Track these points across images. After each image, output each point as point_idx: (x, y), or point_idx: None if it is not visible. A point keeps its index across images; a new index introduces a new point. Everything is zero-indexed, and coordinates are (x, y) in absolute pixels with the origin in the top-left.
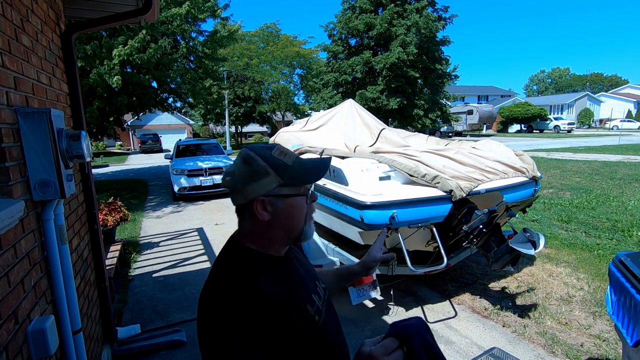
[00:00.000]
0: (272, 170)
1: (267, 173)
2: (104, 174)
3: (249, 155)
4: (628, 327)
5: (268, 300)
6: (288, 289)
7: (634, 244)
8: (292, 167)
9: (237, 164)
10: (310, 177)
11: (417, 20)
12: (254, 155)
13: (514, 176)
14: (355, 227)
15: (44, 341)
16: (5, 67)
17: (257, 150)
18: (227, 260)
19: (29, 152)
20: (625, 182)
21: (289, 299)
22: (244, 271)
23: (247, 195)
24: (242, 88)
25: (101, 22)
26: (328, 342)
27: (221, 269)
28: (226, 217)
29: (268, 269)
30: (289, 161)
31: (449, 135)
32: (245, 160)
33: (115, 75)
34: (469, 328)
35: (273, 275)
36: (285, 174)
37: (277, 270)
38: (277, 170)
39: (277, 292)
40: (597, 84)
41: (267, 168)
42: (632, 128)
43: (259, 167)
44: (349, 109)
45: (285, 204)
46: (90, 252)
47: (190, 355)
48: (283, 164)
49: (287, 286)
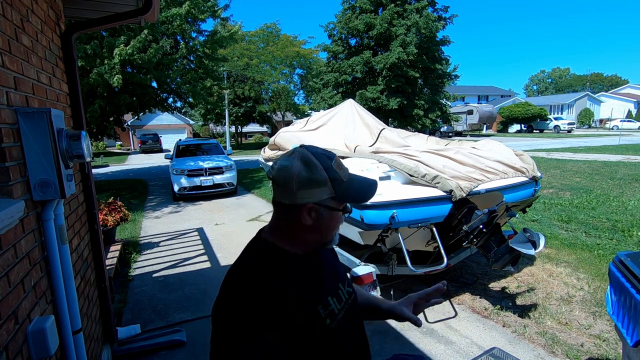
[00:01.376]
0: (330, 182)
1: (325, 184)
2: (104, 174)
3: (311, 161)
4: (628, 327)
5: (282, 298)
6: (302, 289)
7: (634, 244)
8: (345, 184)
9: (296, 165)
10: (358, 197)
11: (417, 20)
12: (317, 162)
13: (514, 176)
14: (355, 227)
15: (44, 341)
16: (5, 67)
17: (319, 157)
18: (252, 255)
19: (29, 152)
20: (625, 182)
21: (301, 298)
22: (264, 269)
23: (298, 197)
24: (242, 88)
25: (101, 22)
26: (337, 347)
27: (245, 264)
28: (226, 217)
29: (288, 267)
30: (344, 177)
31: (449, 135)
32: (307, 164)
33: (116, 75)
34: (469, 328)
35: (291, 274)
36: (338, 188)
37: (297, 269)
38: (333, 183)
39: (291, 291)
40: (597, 84)
41: (327, 179)
42: (632, 128)
43: (321, 176)
44: (349, 109)
45: (329, 215)
46: (90, 252)
47: (190, 355)
48: (339, 179)
49: (302, 285)
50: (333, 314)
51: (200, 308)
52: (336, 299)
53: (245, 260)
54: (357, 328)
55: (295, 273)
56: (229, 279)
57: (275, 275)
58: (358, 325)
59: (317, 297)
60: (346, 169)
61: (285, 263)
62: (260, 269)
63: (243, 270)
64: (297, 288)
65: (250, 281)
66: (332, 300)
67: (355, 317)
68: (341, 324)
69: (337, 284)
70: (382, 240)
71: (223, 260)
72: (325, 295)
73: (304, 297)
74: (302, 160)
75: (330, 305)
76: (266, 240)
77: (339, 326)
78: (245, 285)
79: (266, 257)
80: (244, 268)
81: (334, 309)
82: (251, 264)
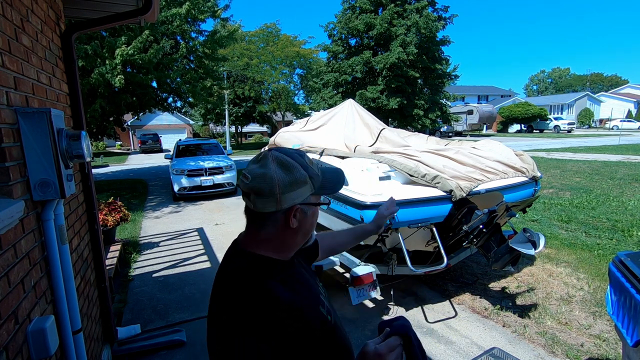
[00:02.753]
0: (310, 179)
1: (306, 182)
2: (104, 174)
3: (288, 162)
4: (628, 327)
5: (280, 305)
6: (300, 293)
7: (634, 244)
8: (319, 177)
9: (274, 170)
10: (334, 187)
11: (417, 20)
12: (294, 162)
13: (514, 176)
14: None
15: (44, 341)
16: (5, 67)
17: (293, 157)
18: (235, 266)
19: (29, 152)
20: (625, 182)
21: (303, 302)
22: (254, 269)
23: (283, 202)
24: (242, 88)
25: (101, 22)
26: (341, 339)
27: (230, 263)
28: (226, 217)
29: (280, 274)
30: (318, 171)
31: (449, 135)
32: (285, 167)
33: (117, 75)
34: (469, 328)
35: (284, 280)
36: (316, 183)
37: (287, 274)
38: (312, 180)
39: (290, 296)
40: (597, 84)
41: (307, 177)
42: (632, 128)
43: (301, 175)
44: (349, 108)
45: (311, 212)
46: (90, 252)
47: (190, 355)
48: (316, 174)
49: (299, 290)
50: (329, 310)
51: (200, 308)
52: (323, 296)
53: (229, 262)
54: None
55: (286, 278)
56: (217, 280)
57: (267, 275)
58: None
59: (314, 297)
60: (316, 163)
61: (276, 270)
62: (249, 269)
63: (230, 268)
64: (294, 293)
65: (239, 279)
66: (323, 298)
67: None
68: (334, 318)
69: (316, 281)
70: (382, 240)
71: None
72: (318, 294)
73: (304, 301)
74: (279, 163)
75: (325, 302)
76: (244, 252)
77: (334, 320)
78: (234, 282)
79: (254, 261)
80: (231, 266)
81: (326, 304)
82: (237, 263)
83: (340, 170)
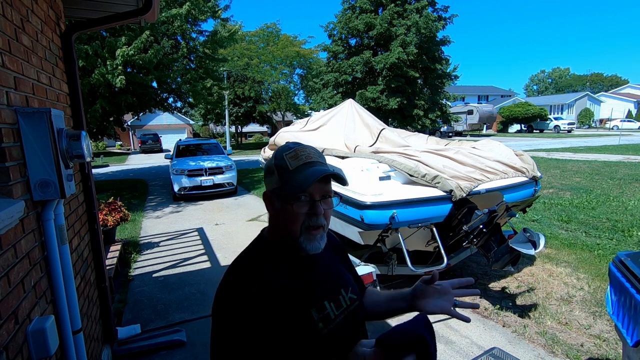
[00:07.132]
0: (276, 170)
1: (272, 172)
2: (104, 174)
3: (276, 151)
4: (628, 327)
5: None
6: (293, 289)
7: (634, 244)
8: (290, 173)
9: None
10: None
11: (417, 20)
12: (276, 152)
13: (514, 176)
14: (355, 227)
15: (44, 341)
16: (6, 67)
17: (281, 148)
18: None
19: (29, 152)
20: (625, 182)
21: (292, 297)
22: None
23: (265, 185)
24: (242, 88)
25: (101, 22)
26: (329, 352)
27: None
28: (226, 217)
29: (279, 265)
30: (291, 165)
31: (449, 135)
32: (273, 155)
33: (119, 76)
34: (469, 328)
35: (282, 272)
36: (283, 178)
37: (290, 267)
38: (279, 172)
39: (279, 289)
40: (597, 84)
41: (274, 167)
42: (632, 128)
43: (270, 164)
44: (349, 109)
45: (281, 207)
46: (90, 252)
47: (190, 355)
48: (285, 167)
49: (294, 285)
50: (328, 319)
51: (200, 308)
52: (334, 304)
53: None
54: (357, 335)
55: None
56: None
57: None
58: (359, 332)
59: (311, 299)
60: (302, 159)
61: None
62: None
63: (235, 260)
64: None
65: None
66: (328, 305)
67: (357, 324)
68: (338, 329)
69: (339, 289)
70: (382, 240)
71: (223, 260)
72: (322, 298)
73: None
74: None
75: (326, 310)
76: (261, 234)
77: (334, 331)
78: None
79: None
80: (236, 259)
81: (330, 313)
82: (242, 255)
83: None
